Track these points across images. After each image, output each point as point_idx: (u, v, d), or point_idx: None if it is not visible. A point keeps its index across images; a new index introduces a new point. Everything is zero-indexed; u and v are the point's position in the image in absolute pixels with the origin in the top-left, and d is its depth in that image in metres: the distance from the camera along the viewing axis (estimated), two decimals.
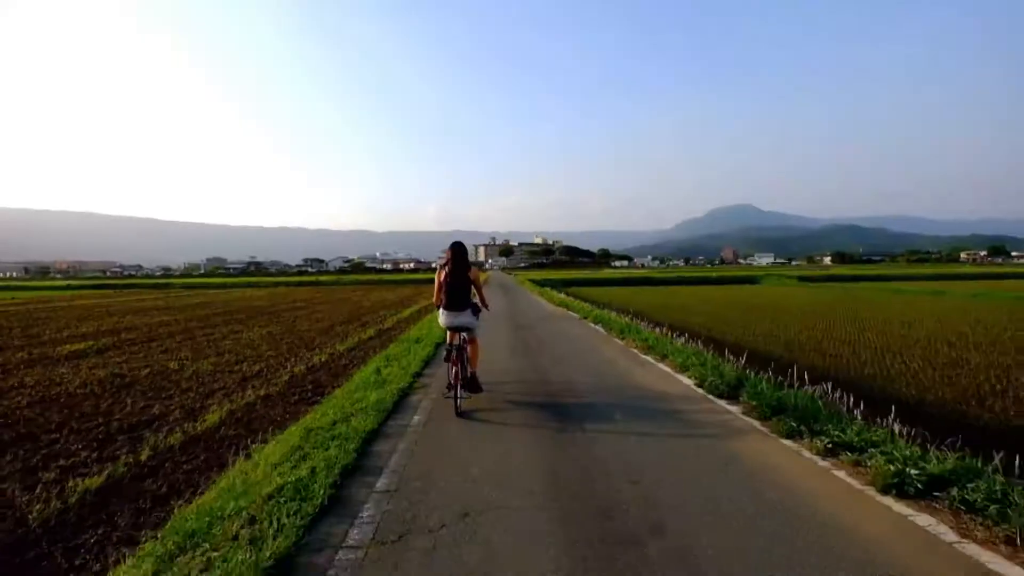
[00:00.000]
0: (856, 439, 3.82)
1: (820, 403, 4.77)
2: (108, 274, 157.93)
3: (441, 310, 5.38)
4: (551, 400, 5.69)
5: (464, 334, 5.39)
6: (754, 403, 5.02)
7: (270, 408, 6.28)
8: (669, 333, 9.40)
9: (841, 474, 3.54)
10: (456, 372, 5.13)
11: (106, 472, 4.19)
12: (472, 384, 5.48)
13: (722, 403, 5.41)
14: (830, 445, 3.89)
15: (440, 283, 5.37)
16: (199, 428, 5.45)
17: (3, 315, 20.80)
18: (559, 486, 3.43)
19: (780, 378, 5.88)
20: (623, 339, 9.44)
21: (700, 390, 5.87)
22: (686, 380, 6.36)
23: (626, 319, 11.41)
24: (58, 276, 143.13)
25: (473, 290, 5.47)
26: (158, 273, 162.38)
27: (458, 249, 5.45)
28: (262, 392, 6.98)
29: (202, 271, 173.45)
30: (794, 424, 4.33)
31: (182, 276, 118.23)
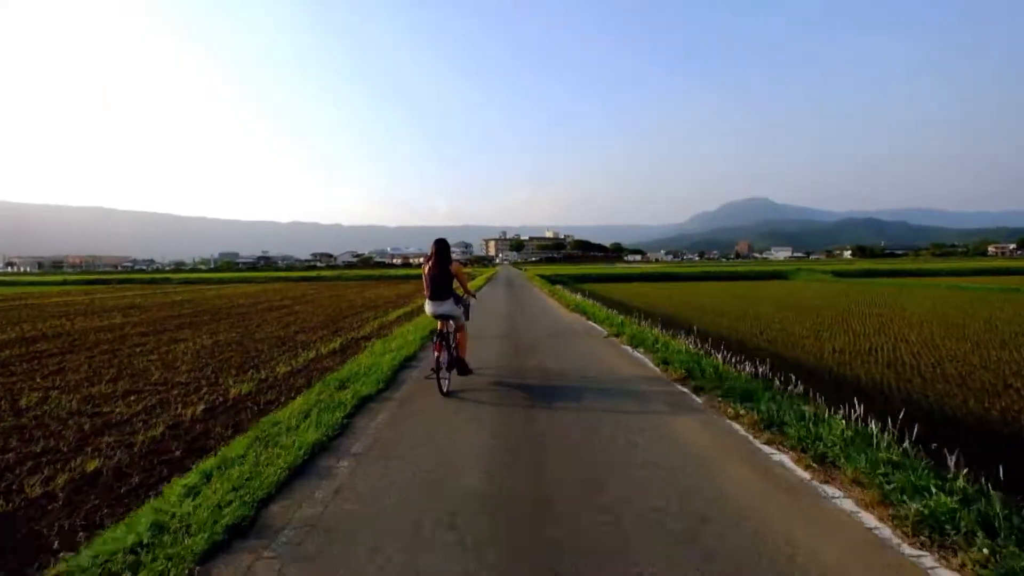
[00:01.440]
0: None
1: None
2: (120, 268, 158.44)
3: (427, 300, 5.73)
4: None
5: (451, 322, 5.77)
6: None
7: (74, 506, 3.53)
8: (775, 376, 5.32)
9: None
10: (438, 358, 5.39)
11: None
12: (461, 367, 5.92)
13: None
14: None
15: (425, 276, 5.68)
16: None
17: None
18: None
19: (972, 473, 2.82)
20: (698, 391, 5.15)
21: None
22: None
23: (684, 342, 7.56)
24: (70, 271, 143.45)
25: (456, 282, 5.81)
26: (168, 268, 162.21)
27: (440, 245, 5.72)
28: (95, 464, 4.22)
29: (212, 265, 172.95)
30: None
31: (189, 271, 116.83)
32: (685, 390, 5.37)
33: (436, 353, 5.44)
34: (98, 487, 3.88)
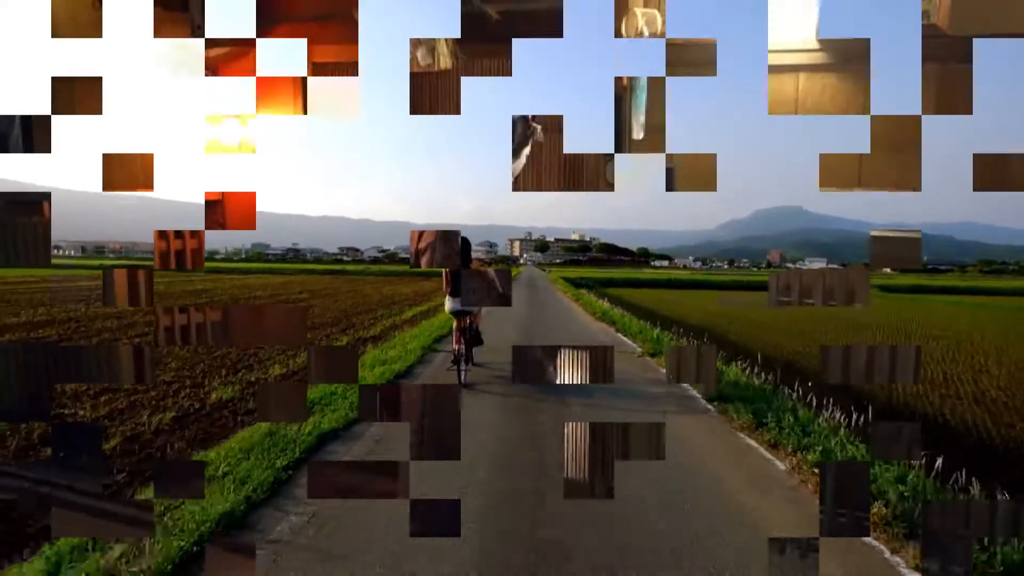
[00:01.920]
0: None
1: None
2: None
3: (448, 297, 6.04)
4: None
5: (469, 317, 6.11)
6: None
7: None
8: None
9: None
10: (458, 350, 5.88)
11: None
12: (475, 339, 6.32)
13: None
14: None
15: (446, 273, 5.99)
16: None
17: None
18: None
19: None
20: (775, 448, 3.88)
21: None
22: None
23: (736, 368, 6.34)
24: (111, 256, 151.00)
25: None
26: None
27: (461, 244, 5.64)
28: None
29: (243, 256, 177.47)
30: None
31: (220, 260, 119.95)
32: (754, 443, 4.03)
33: (456, 346, 5.98)
34: (2, 523, 3.11)
